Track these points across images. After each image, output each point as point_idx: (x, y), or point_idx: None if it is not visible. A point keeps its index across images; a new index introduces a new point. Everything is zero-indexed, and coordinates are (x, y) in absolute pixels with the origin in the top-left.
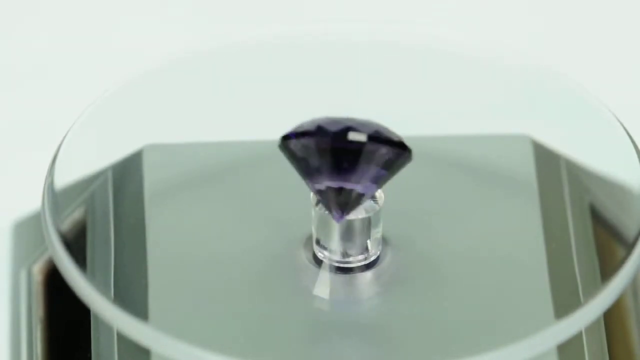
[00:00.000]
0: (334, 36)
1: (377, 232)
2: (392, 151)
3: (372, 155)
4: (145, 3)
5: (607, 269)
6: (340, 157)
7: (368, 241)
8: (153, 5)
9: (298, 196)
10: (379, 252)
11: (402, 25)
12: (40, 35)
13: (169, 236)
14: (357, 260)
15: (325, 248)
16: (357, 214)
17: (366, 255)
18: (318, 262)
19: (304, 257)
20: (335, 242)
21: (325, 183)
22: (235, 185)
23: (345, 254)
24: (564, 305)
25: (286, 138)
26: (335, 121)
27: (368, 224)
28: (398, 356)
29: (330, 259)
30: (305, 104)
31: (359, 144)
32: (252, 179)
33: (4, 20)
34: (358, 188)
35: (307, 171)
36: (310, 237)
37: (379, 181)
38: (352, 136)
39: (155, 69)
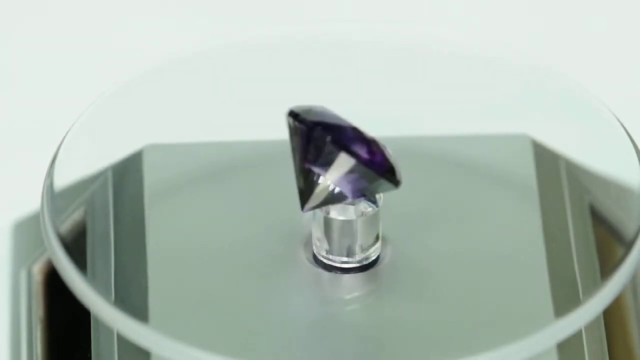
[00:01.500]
0: (334, 36)
1: (376, 232)
2: (376, 180)
3: (356, 169)
4: (145, 3)
5: (606, 269)
6: (315, 146)
7: (367, 241)
8: (153, 5)
9: (298, 196)
10: (378, 252)
11: (402, 25)
12: (40, 35)
13: (169, 236)
14: (356, 260)
15: (324, 248)
16: (356, 214)
17: (366, 255)
18: (318, 262)
19: (304, 257)
20: (334, 242)
21: (300, 163)
22: (235, 185)
23: (344, 254)
24: (564, 304)
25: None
26: (325, 115)
27: (367, 224)
28: (397, 356)
29: (329, 259)
30: (305, 103)
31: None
32: (252, 179)
33: (4, 20)
34: (328, 183)
35: (292, 149)
36: (310, 237)
37: (355, 192)
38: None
39: (155, 69)
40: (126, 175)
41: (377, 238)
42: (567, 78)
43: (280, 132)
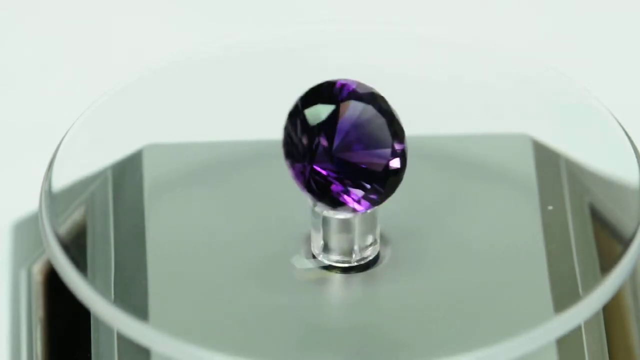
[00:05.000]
0: (334, 36)
1: (375, 231)
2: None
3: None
4: (145, 3)
5: (606, 266)
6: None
7: (366, 240)
8: (153, 5)
9: (298, 196)
10: (377, 251)
11: (402, 26)
12: (40, 35)
13: (169, 236)
14: (355, 259)
15: (323, 247)
16: (354, 213)
17: (365, 254)
18: (317, 261)
19: (304, 257)
20: (333, 242)
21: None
22: (235, 185)
23: (343, 254)
24: (563, 301)
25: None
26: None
27: (366, 222)
28: (398, 353)
29: (328, 259)
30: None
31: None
32: (252, 179)
33: (4, 20)
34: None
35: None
36: (309, 237)
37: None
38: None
39: (155, 69)
40: (126, 175)
41: (376, 237)
42: (567, 78)
43: (280, 132)
